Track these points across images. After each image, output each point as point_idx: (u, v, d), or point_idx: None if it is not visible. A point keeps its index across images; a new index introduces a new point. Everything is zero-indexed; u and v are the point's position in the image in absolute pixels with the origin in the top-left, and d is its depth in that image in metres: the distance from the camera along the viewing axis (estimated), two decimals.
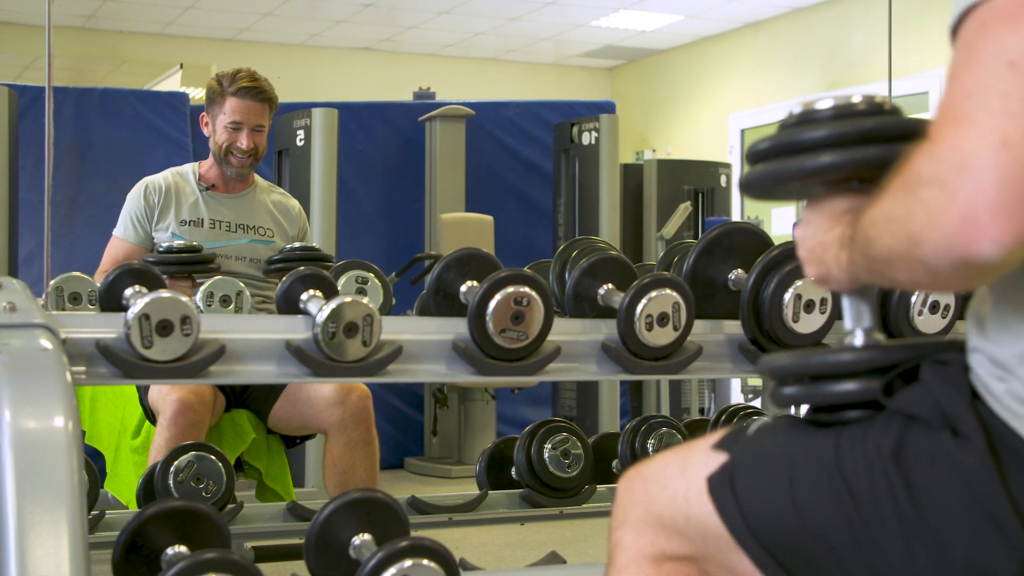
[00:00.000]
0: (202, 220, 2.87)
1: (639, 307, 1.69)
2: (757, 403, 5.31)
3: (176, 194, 2.90)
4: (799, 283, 1.73)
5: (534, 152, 5.89)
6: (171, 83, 6.87)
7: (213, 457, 2.13)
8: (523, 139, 5.89)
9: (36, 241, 4.96)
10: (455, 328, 1.68)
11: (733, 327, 1.84)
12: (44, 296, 1.93)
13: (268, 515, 2.17)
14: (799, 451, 1.00)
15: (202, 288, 1.99)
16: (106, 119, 5.22)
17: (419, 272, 4.97)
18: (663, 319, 1.70)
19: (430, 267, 5.00)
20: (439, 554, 1.44)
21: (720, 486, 1.04)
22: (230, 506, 2.13)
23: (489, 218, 5.34)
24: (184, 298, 1.48)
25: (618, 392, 5.43)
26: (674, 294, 1.71)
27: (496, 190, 5.81)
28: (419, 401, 5.58)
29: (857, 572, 0.96)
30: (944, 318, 1.84)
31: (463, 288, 1.73)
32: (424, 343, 1.65)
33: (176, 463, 2.09)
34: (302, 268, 1.75)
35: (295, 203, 3.09)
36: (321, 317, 1.53)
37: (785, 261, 1.74)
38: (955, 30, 0.83)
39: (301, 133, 4.94)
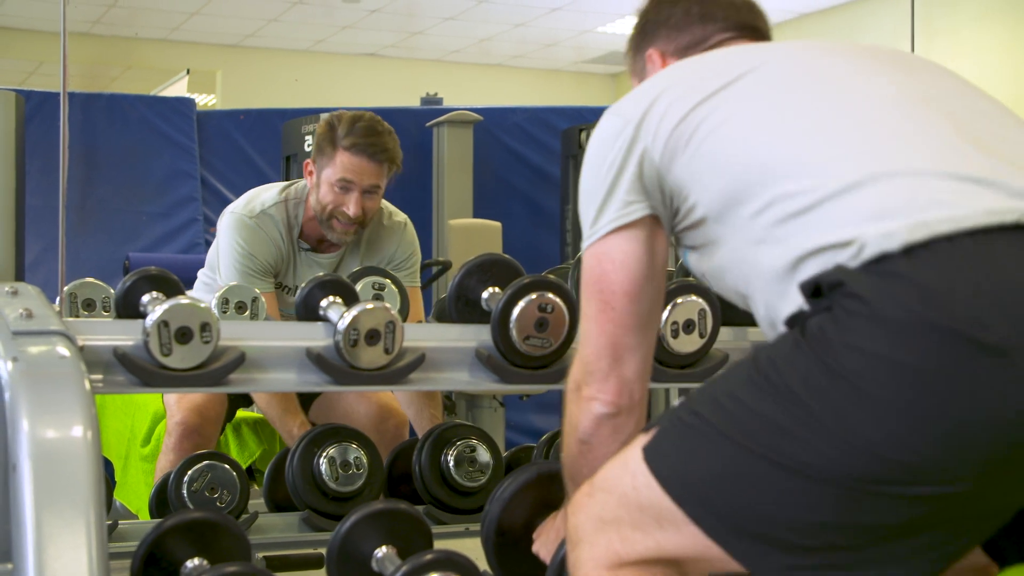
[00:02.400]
0: (296, 287, 2.48)
1: (665, 314, 1.66)
2: None
3: (278, 250, 2.51)
4: None
5: (542, 157, 5.86)
6: (178, 88, 6.86)
7: (227, 466, 2.09)
8: (531, 144, 5.86)
9: (41, 246, 4.93)
10: (477, 335, 1.65)
11: (758, 334, 1.81)
12: (58, 302, 1.89)
13: (283, 525, 2.14)
14: (719, 389, 1.09)
15: (217, 295, 1.96)
16: (112, 124, 5.19)
17: (427, 279, 4.94)
18: (689, 326, 1.68)
19: (439, 273, 4.97)
20: (464, 567, 1.41)
21: (653, 451, 1.11)
22: (244, 516, 2.09)
23: (497, 224, 5.30)
24: (203, 304, 1.45)
25: None
26: (700, 301, 1.68)
27: (504, 196, 5.78)
28: None
29: (794, 471, 1.00)
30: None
31: (485, 295, 1.70)
32: (446, 350, 1.62)
33: (190, 472, 2.05)
34: (322, 275, 1.72)
35: (402, 222, 2.71)
36: (343, 324, 1.50)
37: None
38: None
39: (309, 139, 4.92)
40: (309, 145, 4.94)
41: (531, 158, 5.86)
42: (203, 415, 2.40)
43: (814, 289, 1.05)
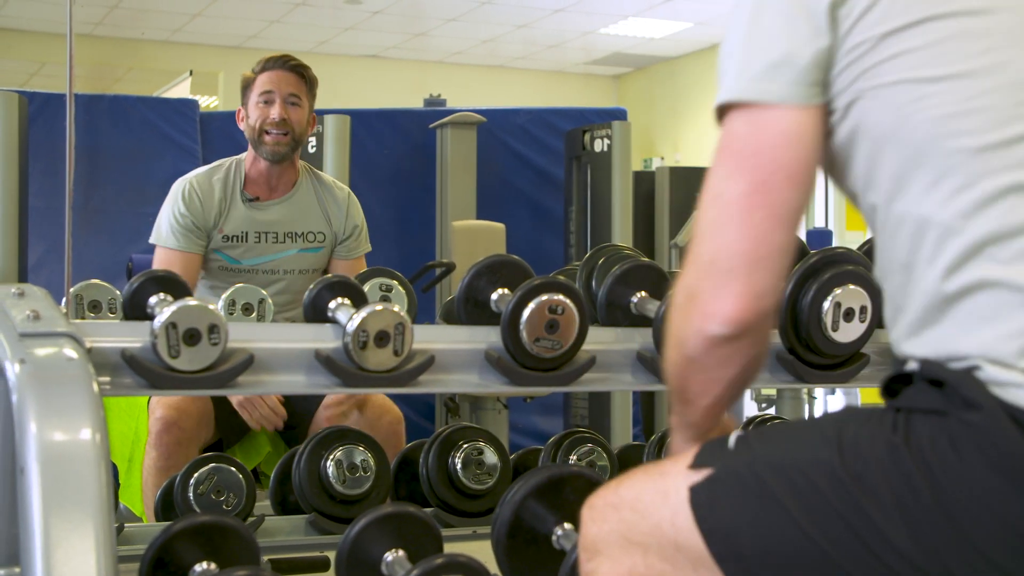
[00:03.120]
0: (246, 234, 2.67)
1: None
2: (771, 412, 5.26)
3: (221, 202, 2.67)
4: (838, 291, 1.69)
5: (545, 159, 5.85)
6: (181, 90, 6.84)
7: (233, 469, 2.08)
8: (534, 146, 5.85)
9: (44, 248, 4.92)
10: (486, 337, 1.63)
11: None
12: (63, 303, 1.88)
13: (289, 528, 2.12)
14: (791, 460, 0.98)
15: (224, 296, 1.95)
16: (115, 126, 5.18)
17: (430, 280, 4.92)
18: None
19: (442, 275, 4.95)
20: (476, 571, 1.39)
21: (702, 498, 1.01)
22: (250, 519, 2.08)
23: (501, 226, 5.29)
24: (211, 306, 1.44)
25: (631, 401, 5.38)
26: None
27: (507, 197, 5.77)
28: (429, 410, 5.53)
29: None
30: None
31: (494, 296, 1.69)
32: (456, 352, 1.60)
33: (196, 475, 2.04)
34: (330, 276, 1.70)
35: (345, 192, 2.85)
36: (352, 326, 1.48)
37: (823, 268, 1.70)
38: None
39: (313, 140, 4.91)
40: (312, 146, 4.93)
41: (535, 160, 5.85)
42: (181, 410, 2.41)
43: (936, 379, 0.93)
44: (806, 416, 5.07)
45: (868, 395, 7.62)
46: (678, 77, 9.31)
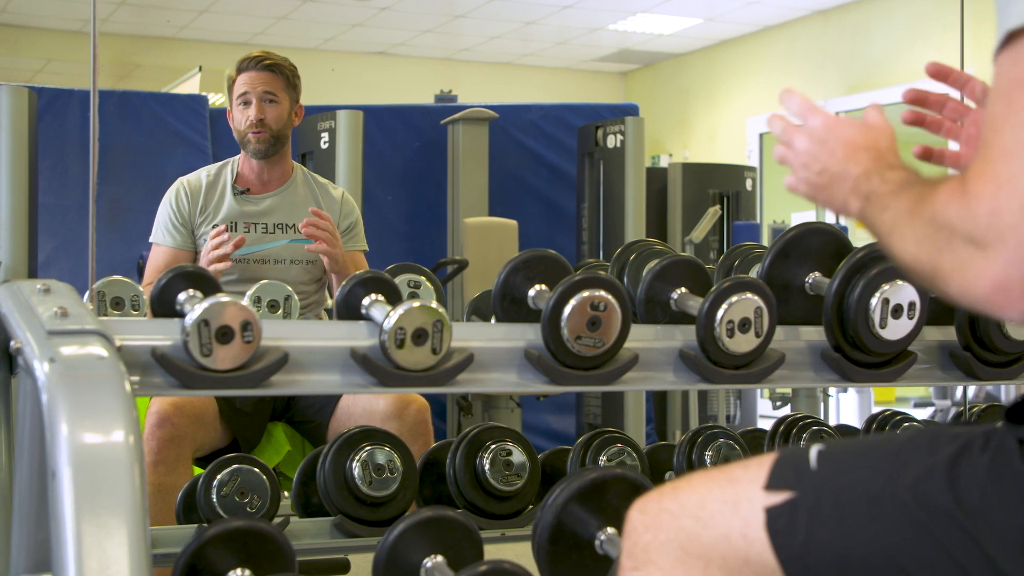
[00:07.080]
0: (235, 224, 2.74)
1: (720, 312, 1.59)
2: (786, 411, 5.20)
3: (208, 196, 2.76)
4: (886, 287, 1.64)
5: (558, 155, 5.80)
6: (190, 86, 6.79)
7: (257, 470, 2.03)
8: (546, 142, 5.79)
9: (53, 245, 4.87)
10: (524, 334, 1.58)
11: (810, 333, 1.74)
12: (85, 298, 1.83)
13: (314, 531, 2.07)
14: (889, 489, 0.90)
15: (248, 293, 1.90)
16: (125, 122, 5.13)
17: (443, 277, 4.87)
18: (744, 325, 1.61)
19: (454, 272, 4.90)
20: None
21: (782, 526, 0.93)
22: (275, 521, 2.03)
23: (513, 222, 5.24)
24: (245, 302, 1.39)
25: (644, 399, 5.33)
26: (756, 298, 1.61)
27: (519, 194, 5.71)
28: (441, 409, 5.47)
29: None
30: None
31: (531, 292, 1.64)
32: (494, 351, 1.55)
33: (219, 476, 1.99)
34: (363, 272, 1.65)
35: (340, 191, 2.90)
36: (389, 323, 1.43)
37: (871, 264, 1.65)
38: (997, 55, 0.82)
39: (325, 136, 4.86)
40: (324, 142, 4.87)
41: (547, 156, 5.80)
42: (176, 406, 2.36)
43: None
44: (821, 414, 5.01)
45: (880, 394, 7.56)
46: (686, 74, 9.25)
